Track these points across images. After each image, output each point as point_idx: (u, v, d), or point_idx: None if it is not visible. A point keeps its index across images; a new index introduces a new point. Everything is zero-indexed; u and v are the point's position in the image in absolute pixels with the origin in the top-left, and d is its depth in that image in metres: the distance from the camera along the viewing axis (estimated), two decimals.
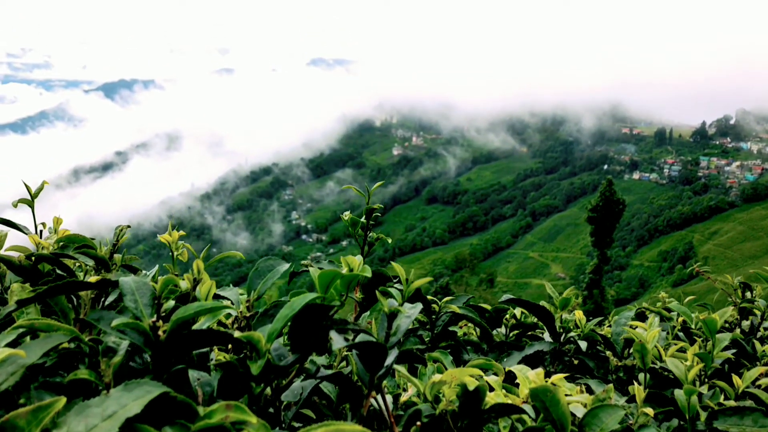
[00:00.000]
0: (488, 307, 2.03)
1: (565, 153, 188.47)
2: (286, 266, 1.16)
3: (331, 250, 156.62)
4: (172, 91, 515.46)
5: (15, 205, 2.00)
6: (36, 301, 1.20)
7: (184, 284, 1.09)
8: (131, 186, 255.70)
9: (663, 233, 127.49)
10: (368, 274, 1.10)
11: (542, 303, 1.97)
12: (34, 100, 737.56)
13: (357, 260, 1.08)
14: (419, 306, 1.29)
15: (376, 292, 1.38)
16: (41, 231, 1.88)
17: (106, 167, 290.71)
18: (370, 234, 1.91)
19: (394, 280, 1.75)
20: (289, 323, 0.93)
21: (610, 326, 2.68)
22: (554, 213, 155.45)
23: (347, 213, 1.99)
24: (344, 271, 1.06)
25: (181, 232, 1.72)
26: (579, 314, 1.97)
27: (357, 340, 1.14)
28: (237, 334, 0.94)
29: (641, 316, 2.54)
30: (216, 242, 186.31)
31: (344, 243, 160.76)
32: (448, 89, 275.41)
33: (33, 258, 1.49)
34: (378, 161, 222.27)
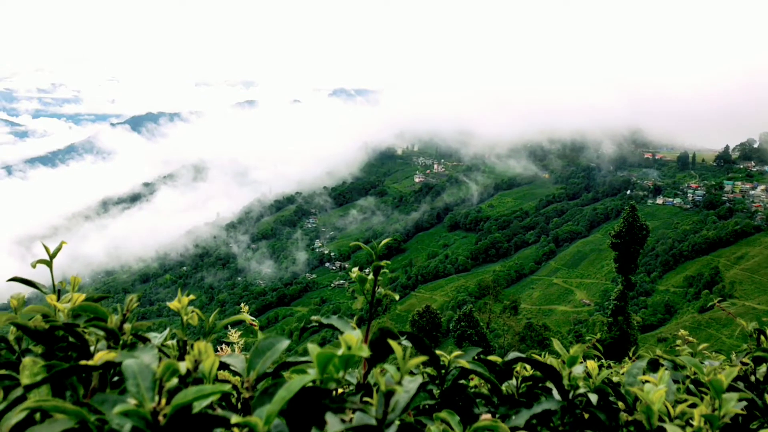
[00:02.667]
0: (498, 360, 2.03)
1: (587, 179, 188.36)
2: (285, 344, 1.23)
3: (351, 279, 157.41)
4: (197, 123, 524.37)
5: (34, 266, 2.03)
6: (44, 384, 1.24)
7: (185, 366, 1.14)
8: (158, 216, 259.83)
9: (688, 258, 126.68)
10: (365, 353, 1.12)
11: (550, 360, 1.97)
12: (63, 134, 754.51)
13: (355, 338, 1.10)
14: (418, 380, 1.32)
15: (387, 346, 1.42)
16: (59, 290, 1.89)
17: (134, 198, 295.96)
18: (379, 290, 1.94)
19: (402, 337, 1.77)
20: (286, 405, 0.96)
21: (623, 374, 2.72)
22: (577, 239, 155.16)
23: (356, 270, 2.03)
24: (341, 351, 1.09)
25: (191, 297, 1.78)
26: (591, 365, 1.96)
27: (354, 421, 1.15)
28: (234, 419, 0.98)
29: (654, 365, 2.54)
30: (241, 271, 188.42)
31: (367, 270, 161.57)
32: (466, 117, 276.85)
33: (48, 324, 1.54)
34: (400, 189, 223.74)
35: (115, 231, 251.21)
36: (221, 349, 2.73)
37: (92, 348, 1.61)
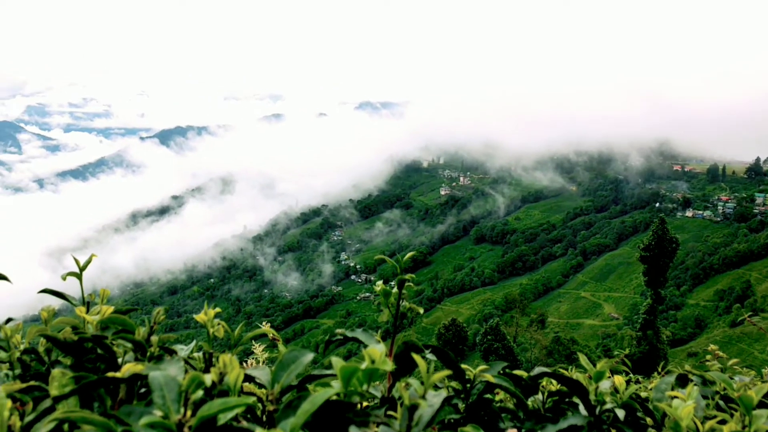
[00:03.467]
0: (524, 375, 1.99)
1: (614, 191, 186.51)
2: (310, 357, 1.25)
3: (387, 286, 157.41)
4: (225, 137, 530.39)
5: (64, 279, 2.07)
6: (72, 396, 1.27)
7: (210, 379, 1.16)
8: (186, 229, 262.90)
9: (719, 272, 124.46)
10: (388, 367, 1.13)
11: (576, 375, 1.96)
12: (94, 147, 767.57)
13: (379, 352, 1.11)
14: (442, 394, 1.31)
15: (410, 362, 1.43)
16: (88, 303, 1.94)
17: (162, 211, 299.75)
18: (403, 303, 1.95)
19: (427, 350, 1.77)
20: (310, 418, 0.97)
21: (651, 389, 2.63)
22: (606, 252, 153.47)
23: (380, 283, 2.06)
24: (365, 365, 1.10)
25: (217, 309, 1.80)
26: (618, 380, 1.93)
27: None
28: (259, 431, 1.00)
29: (683, 380, 2.49)
30: (267, 283, 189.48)
31: (392, 283, 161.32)
32: (492, 129, 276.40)
33: (77, 336, 1.58)
34: (425, 201, 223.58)
35: (144, 243, 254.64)
36: (246, 363, 2.84)
37: (120, 360, 1.63)
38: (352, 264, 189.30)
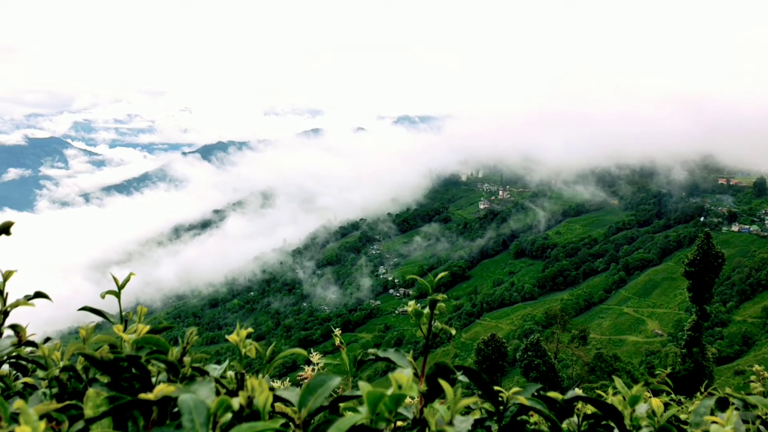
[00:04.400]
0: (558, 397, 1.93)
1: (658, 205, 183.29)
2: (337, 381, 1.24)
3: (419, 305, 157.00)
4: (265, 151, 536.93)
5: (103, 297, 2.13)
6: (106, 417, 1.30)
7: (238, 402, 1.17)
8: (227, 242, 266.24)
9: (766, 288, 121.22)
10: (414, 393, 1.09)
11: (612, 399, 1.89)
12: (138, 162, 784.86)
13: (406, 377, 1.10)
14: (470, 420, 1.29)
15: (441, 383, 1.41)
16: (126, 320, 1.99)
17: (204, 225, 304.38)
18: (435, 323, 1.94)
19: (459, 372, 1.74)
20: None
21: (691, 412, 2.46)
22: (649, 267, 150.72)
23: (411, 303, 2.03)
24: (391, 390, 1.09)
25: (249, 329, 1.83)
26: (656, 403, 1.86)
27: None
28: None
29: (724, 403, 2.40)
30: (306, 296, 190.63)
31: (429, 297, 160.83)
32: (531, 142, 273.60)
33: (112, 356, 1.61)
34: (464, 215, 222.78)
35: (186, 257, 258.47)
36: (305, 369, 2.86)
37: (154, 379, 1.67)
38: (390, 278, 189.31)
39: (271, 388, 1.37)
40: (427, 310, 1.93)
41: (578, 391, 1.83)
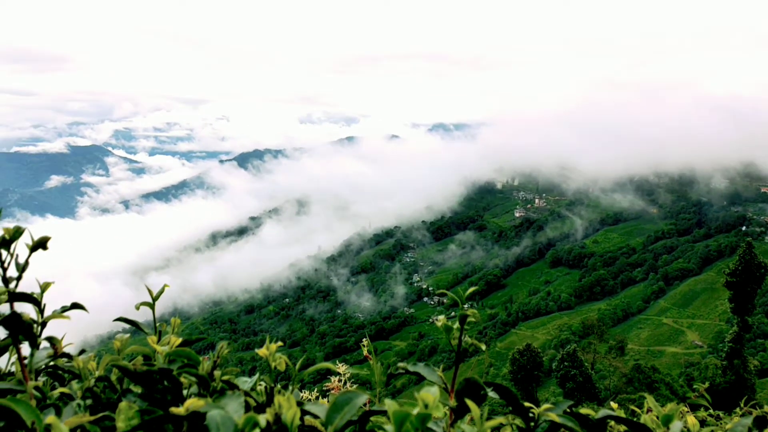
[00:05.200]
0: (592, 414, 1.87)
1: (698, 214, 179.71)
2: (364, 399, 1.21)
3: (453, 314, 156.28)
4: (300, 159, 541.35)
5: (137, 308, 2.15)
6: (137, 431, 1.32)
7: (265, 419, 1.18)
8: (263, 249, 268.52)
9: None
10: (440, 413, 1.10)
11: (645, 418, 1.68)
12: (177, 170, 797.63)
13: (433, 396, 1.10)
14: None
15: (470, 401, 1.40)
16: (160, 332, 2.04)
17: (241, 231, 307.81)
18: (465, 338, 1.93)
19: (488, 388, 1.75)
20: None
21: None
22: (689, 277, 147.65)
23: (442, 317, 2.01)
24: (417, 409, 1.09)
25: (279, 343, 1.86)
26: (691, 421, 1.83)
27: None
28: None
29: (762, 422, 2.31)
30: (341, 303, 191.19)
31: (466, 306, 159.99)
32: (567, 150, 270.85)
33: (145, 368, 1.64)
34: (499, 223, 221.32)
35: (223, 263, 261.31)
36: (332, 379, 2.88)
37: (185, 392, 1.71)
38: (424, 286, 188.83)
39: (300, 403, 1.38)
40: (457, 325, 1.92)
41: (614, 405, 1.80)
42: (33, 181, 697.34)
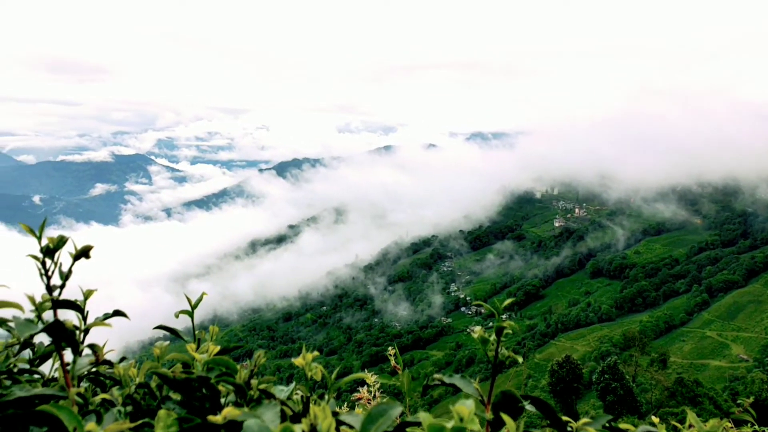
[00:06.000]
0: (632, 429, 1.87)
1: (743, 225, 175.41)
2: (398, 411, 1.20)
3: (490, 324, 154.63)
4: (338, 168, 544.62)
5: (177, 316, 2.21)
6: None
7: (300, 430, 1.19)
8: (301, 257, 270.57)
9: None
10: (476, 427, 1.10)
11: None
12: (217, 179, 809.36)
13: (467, 409, 1.09)
14: None
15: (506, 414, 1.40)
16: (199, 340, 2.08)
17: (279, 240, 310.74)
18: (502, 350, 1.91)
19: (525, 401, 1.72)
20: None
21: None
22: (734, 289, 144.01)
23: (478, 329, 2.02)
24: (452, 423, 1.08)
25: (315, 353, 1.89)
26: None
27: None
28: None
29: None
30: (378, 312, 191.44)
31: (504, 317, 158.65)
32: (607, 159, 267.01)
33: (184, 376, 1.69)
34: (538, 233, 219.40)
35: (262, 270, 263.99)
36: (361, 389, 3.03)
37: (223, 400, 1.74)
38: (462, 295, 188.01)
39: (335, 413, 1.40)
40: (493, 337, 1.90)
41: (655, 420, 1.78)
42: (78, 189, 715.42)
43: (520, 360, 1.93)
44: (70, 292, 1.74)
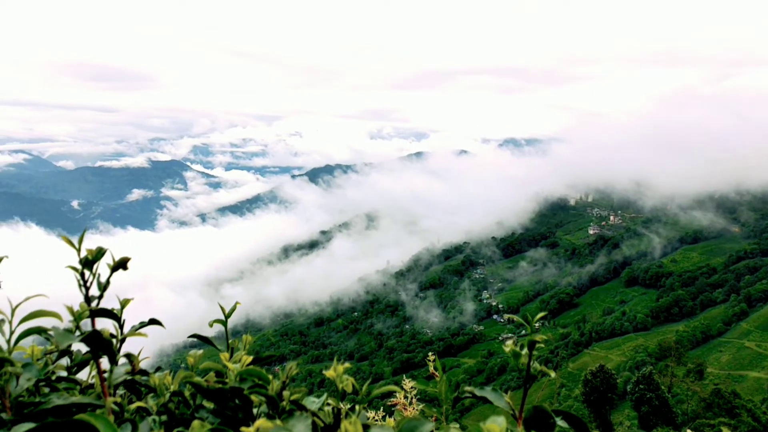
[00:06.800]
0: None
1: None
2: (429, 427, 1.17)
3: (523, 332, 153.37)
4: (370, 174, 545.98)
5: (211, 325, 2.23)
6: None
7: None
8: (333, 263, 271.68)
9: None
10: None
11: None
12: (251, 185, 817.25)
13: (498, 427, 1.05)
14: None
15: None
16: (232, 349, 2.09)
17: (312, 245, 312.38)
18: (534, 365, 1.86)
19: (557, 417, 1.69)
20: None
21: None
22: None
23: (510, 343, 1.96)
24: None
25: (346, 365, 1.89)
26: None
27: None
28: None
29: None
30: (409, 318, 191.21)
31: (537, 325, 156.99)
32: (643, 166, 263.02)
33: (217, 386, 1.74)
34: (572, 241, 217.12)
35: (294, 276, 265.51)
36: (397, 395, 3.08)
37: (256, 410, 1.78)
38: (494, 303, 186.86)
39: (366, 426, 1.40)
40: (525, 351, 1.85)
41: None
42: (116, 194, 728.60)
43: (553, 374, 1.87)
44: (108, 296, 1.78)
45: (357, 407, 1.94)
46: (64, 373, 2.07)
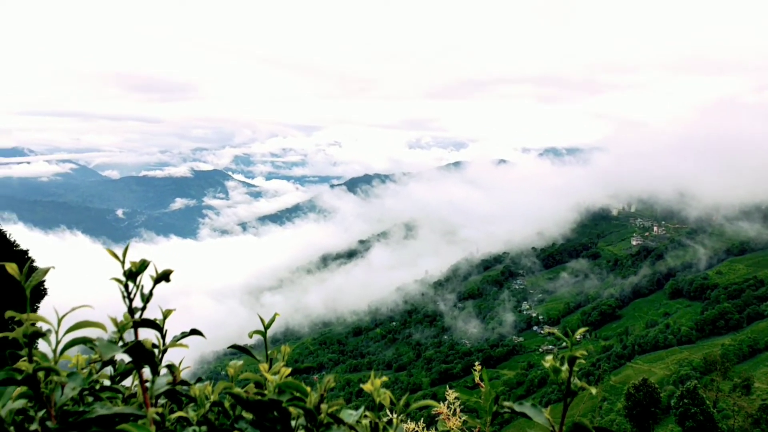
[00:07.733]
0: None
1: None
2: None
3: (563, 344, 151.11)
4: (408, 184, 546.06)
5: (250, 336, 2.26)
6: None
7: None
8: (371, 272, 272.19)
9: None
10: None
11: None
12: (291, 194, 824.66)
13: None
14: None
15: None
16: (271, 360, 2.12)
17: (350, 254, 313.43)
18: (574, 381, 1.81)
19: None
20: None
21: None
22: None
23: (549, 358, 1.94)
24: None
25: (384, 378, 1.92)
26: None
27: None
28: None
29: None
30: (447, 329, 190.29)
31: (578, 337, 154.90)
32: (687, 175, 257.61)
33: (256, 398, 1.77)
34: (615, 251, 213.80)
35: (333, 285, 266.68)
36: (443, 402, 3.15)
37: (294, 422, 1.80)
38: (534, 314, 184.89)
39: None
40: (566, 366, 1.80)
41: None
42: (159, 203, 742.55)
43: (594, 391, 1.84)
44: (150, 304, 1.83)
45: (394, 420, 1.95)
46: (107, 382, 2.11)
